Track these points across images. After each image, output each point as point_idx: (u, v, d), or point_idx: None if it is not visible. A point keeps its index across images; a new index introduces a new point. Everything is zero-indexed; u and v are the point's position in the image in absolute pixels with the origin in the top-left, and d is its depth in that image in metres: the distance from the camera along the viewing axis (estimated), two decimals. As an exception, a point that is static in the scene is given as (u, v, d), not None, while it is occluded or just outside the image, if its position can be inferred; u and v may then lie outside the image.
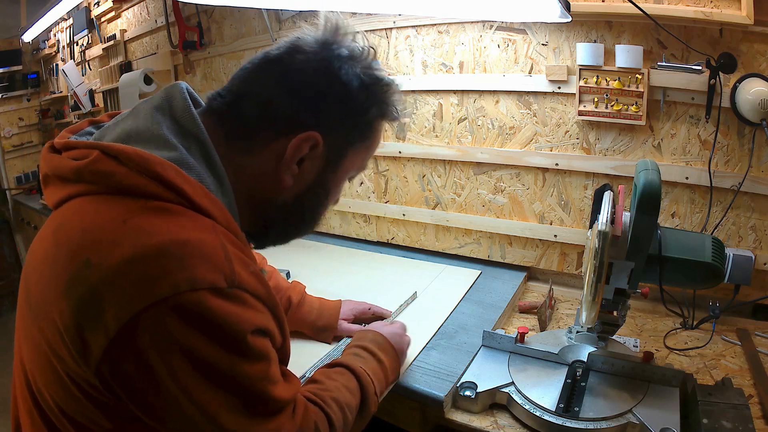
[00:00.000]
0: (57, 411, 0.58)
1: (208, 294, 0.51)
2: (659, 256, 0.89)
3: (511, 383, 0.98)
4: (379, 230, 1.78)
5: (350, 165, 0.70)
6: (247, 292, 0.55)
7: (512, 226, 1.49)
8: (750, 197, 1.19)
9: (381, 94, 0.68)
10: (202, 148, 0.60)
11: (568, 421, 0.88)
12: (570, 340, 1.09)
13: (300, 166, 0.65)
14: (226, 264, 0.53)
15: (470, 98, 1.45)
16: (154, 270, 0.49)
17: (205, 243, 0.53)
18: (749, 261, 1.14)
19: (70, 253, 0.52)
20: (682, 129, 1.22)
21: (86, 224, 0.53)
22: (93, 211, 0.54)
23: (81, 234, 0.53)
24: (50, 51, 3.24)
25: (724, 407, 0.86)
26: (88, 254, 0.51)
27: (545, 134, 1.38)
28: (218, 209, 0.57)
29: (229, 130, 0.64)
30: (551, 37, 1.30)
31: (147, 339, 0.50)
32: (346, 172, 0.70)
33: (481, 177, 1.51)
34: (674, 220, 1.29)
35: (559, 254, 1.45)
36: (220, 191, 0.60)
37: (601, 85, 1.25)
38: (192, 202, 0.55)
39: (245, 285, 0.55)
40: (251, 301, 0.55)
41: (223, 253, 0.53)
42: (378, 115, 0.69)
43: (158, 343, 0.50)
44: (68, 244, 0.53)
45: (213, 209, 0.57)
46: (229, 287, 0.52)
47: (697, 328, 1.21)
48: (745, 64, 1.12)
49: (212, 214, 0.56)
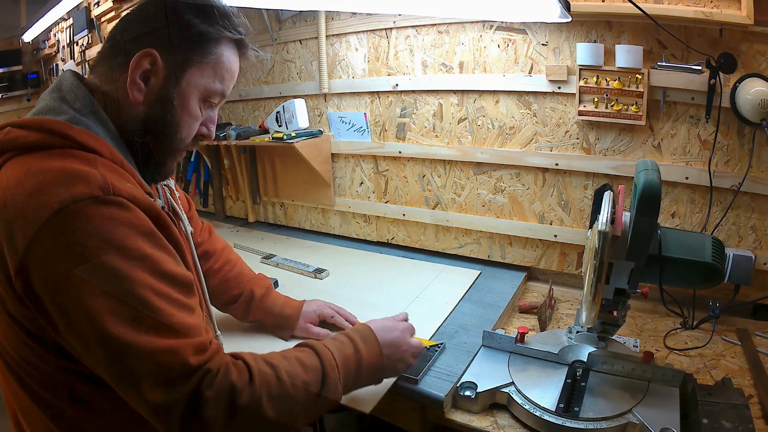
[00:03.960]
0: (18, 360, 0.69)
1: (89, 203, 0.63)
2: (659, 256, 0.89)
3: (511, 383, 0.98)
4: (379, 230, 1.78)
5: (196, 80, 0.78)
6: (123, 197, 0.66)
7: (512, 226, 1.49)
8: (750, 197, 1.19)
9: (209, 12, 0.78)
10: (89, 106, 0.73)
11: (568, 421, 0.88)
12: (570, 340, 1.09)
13: (147, 83, 0.75)
14: (101, 179, 0.65)
15: (470, 98, 1.45)
16: (46, 195, 0.62)
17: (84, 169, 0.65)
18: (749, 261, 1.15)
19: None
20: (682, 129, 1.22)
21: (5, 180, 0.66)
22: (11, 170, 0.66)
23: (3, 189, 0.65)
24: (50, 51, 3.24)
25: (724, 407, 0.86)
26: (5, 200, 0.64)
27: (545, 134, 1.38)
28: (102, 146, 0.70)
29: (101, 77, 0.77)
30: (551, 37, 1.30)
31: (43, 252, 0.61)
32: (193, 87, 0.78)
33: (481, 177, 1.51)
34: (674, 220, 1.29)
35: (559, 254, 1.45)
36: (108, 135, 0.73)
37: (601, 85, 1.25)
38: (79, 143, 0.68)
39: (121, 192, 0.66)
40: (129, 205, 0.66)
41: (99, 173, 0.65)
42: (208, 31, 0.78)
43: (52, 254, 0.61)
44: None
45: (97, 146, 0.69)
46: (105, 195, 0.64)
47: (697, 328, 1.21)
48: (745, 64, 1.12)
49: (97, 150, 0.69)
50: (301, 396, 0.76)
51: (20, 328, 0.67)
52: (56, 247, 0.61)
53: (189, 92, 0.78)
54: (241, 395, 0.69)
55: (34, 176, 0.64)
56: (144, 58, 0.74)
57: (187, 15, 0.77)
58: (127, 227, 0.65)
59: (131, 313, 0.63)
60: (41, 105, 0.73)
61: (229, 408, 0.68)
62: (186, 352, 0.66)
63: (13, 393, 0.74)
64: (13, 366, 0.71)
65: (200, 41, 0.77)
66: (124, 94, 0.75)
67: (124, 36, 0.77)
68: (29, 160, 0.66)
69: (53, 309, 0.63)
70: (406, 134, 1.60)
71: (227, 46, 0.81)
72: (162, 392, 0.64)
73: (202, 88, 0.79)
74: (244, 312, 1.17)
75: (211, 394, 0.67)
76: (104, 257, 0.62)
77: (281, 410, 0.73)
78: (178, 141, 0.80)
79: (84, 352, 0.66)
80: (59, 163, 0.65)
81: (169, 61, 0.75)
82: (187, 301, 0.70)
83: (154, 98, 0.76)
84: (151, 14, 0.77)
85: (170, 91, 0.76)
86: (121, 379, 0.66)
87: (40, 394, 0.71)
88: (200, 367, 0.67)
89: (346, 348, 0.87)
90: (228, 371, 0.70)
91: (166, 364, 0.64)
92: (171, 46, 0.75)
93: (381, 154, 1.67)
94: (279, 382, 0.74)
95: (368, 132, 1.68)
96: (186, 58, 0.77)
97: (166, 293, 0.67)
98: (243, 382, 0.71)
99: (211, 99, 0.81)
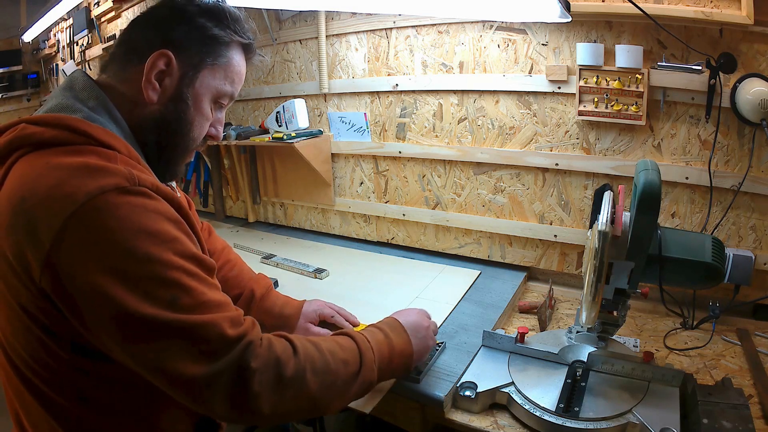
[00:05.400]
0: (26, 357, 0.69)
1: (115, 193, 0.63)
2: (659, 256, 0.89)
3: (511, 383, 0.98)
4: (379, 230, 1.78)
5: (208, 82, 0.80)
6: (147, 188, 0.67)
7: (512, 226, 1.49)
8: (750, 197, 1.19)
9: (221, 16, 0.80)
10: (103, 104, 0.74)
11: (568, 421, 0.88)
12: (570, 340, 1.09)
13: (161, 84, 0.77)
14: (126, 171, 0.66)
15: (470, 98, 1.45)
16: (71, 188, 0.62)
17: (107, 164, 0.66)
18: (749, 261, 1.15)
19: (10, 200, 0.64)
20: (682, 129, 1.22)
21: (21, 175, 0.66)
22: (26, 165, 0.66)
23: (19, 183, 0.65)
24: (50, 51, 3.24)
25: (724, 407, 0.86)
26: (23, 193, 0.63)
27: (545, 134, 1.38)
28: (120, 143, 0.71)
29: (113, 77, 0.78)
30: (551, 37, 1.30)
31: (72, 244, 0.61)
32: (206, 89, 0.80)
33: (481, 177, 1.51)
34: (674, 220, 1.29)
35: (559, 254, 1.45)
36: (121, 133, 0.74)
37: (601, 85, 1.25)
38: (98, 140, 0.69)
39: (146, 183, 0.67)
40: (154, 195, 0.68)
41: (123, 166, 0.67)
42: (220, 35, 0.80)
43: (82, 244, 0.61)
44: (9, 196, 0.65)
45: (116, 143, 0.70)
46: (131, 185, 0.65)
47: (697, 328, 1.21)
48: (745, 64, 1.12)
49: (116, 147, 0.70)
50: (342, 373, 0.78)
51: (34, 323, 0.67)
52: (86, 237, 0.61)
53: (202, 93, 0.80)
54: (286, 366, 0.71)
55: (54, 171, 0.64)
56: (160, 58, 0.75)
57: (201, 18, 0.78)
58: (154, 213, 0.66)
59: (166, 295, 0.64)
60: (54, 103, 0.73)
61: (276, 380, 0.70)
62: (223, 324, 0.67)
63: (17, 392, 0.74)
64: (19, 364, 0.71)
65: (213, 44, 0.79)
66: (137, 94, 0.76)
67: (137, 37, 0.78)
68: (47, 156, 0.66)
69: (82, 299, 0.63)
70: (406, 134, 1.60)
71: (237, 50, 0.83)
72: (204, 365, 0.64)
73: (214, 89, 0.81)
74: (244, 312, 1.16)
75: (257, 364, 0.68)
76: (135, 243, 0.63)
77: (324, 385, 0.75)
78: (190, 140, 0.82)
79: (113, 340, 0.65)
80: (80, 159, 0.65)
81: (184, 63, 0.77)
82: (214, 281, 0.72)
83: (168, 98, 0.78)
84: (165, 16, 0.79)
85: (184, 92, 0.78)
86: (157, 363, 0.65)
87: (46, 394, 0.70)
88: (240, 338, 0.68)
89: (378, 335, 0.90)
90: (271, 344, 0.72)
91: (204, 337, 0.65)
92: (185, 48, 0.77)
93: (381, 154, 1.67)
94: (322, 357, 0.76)
95: (368, 132, 1.68)
96: (199, 60, 0.78)
97: (196, 273, 0.68)
98: (288, 354, 0.72)
99: (221, 100, 0.84)
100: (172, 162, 0.83)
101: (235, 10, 0.82)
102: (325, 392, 0.75)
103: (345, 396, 0.80)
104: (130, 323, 0.63)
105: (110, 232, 0.62)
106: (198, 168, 2.16)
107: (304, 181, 1.86)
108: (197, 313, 0.65)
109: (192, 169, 2.16)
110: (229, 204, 2.20)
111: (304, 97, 1.76)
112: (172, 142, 0.80)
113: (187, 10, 0.78)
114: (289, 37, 1.75)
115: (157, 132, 0.78)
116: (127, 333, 0.63)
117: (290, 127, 1.73)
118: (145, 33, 0.78)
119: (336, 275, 1.52)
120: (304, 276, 1.52)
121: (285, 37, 1.76)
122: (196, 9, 0.79)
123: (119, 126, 0.75)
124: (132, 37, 0.79)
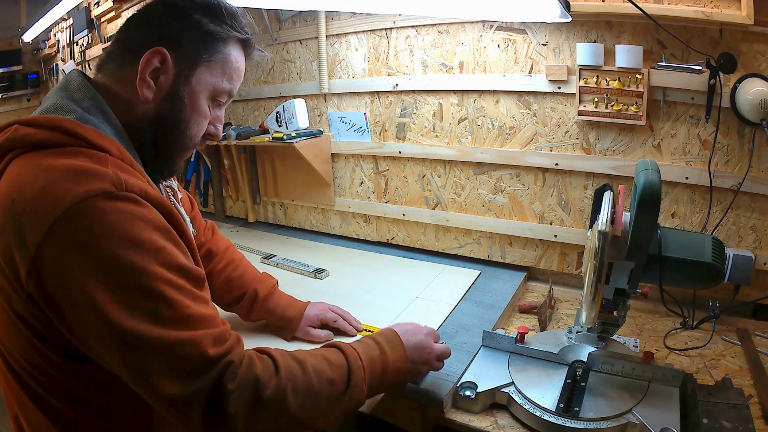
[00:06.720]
0: (23, 362, 0.68)
1: (102, 198, 0.62)
2: (659, 256, 0.89)
3: (511, 383, 0.98)
4: (379, 230, 1.78)
5: (205, 79, 0.79)
6: (135, 193, 0.66)
7: (512, 226, 1.49)
8: (750, 197, 1.19)
9: (217, 12, 0.79)
10: (97, 105, 0.73)
11: (568, 421, 0.88)
12: (570, 340, 1.09)
13: (156, 81, 0.76)
14: (114, 176, 0.65)
15: (470, 98, 1.45)
16: (59, 191, 0.61)
17: (96, 167, 0.65)
18: (749, 261, 1.15)
19: (2, 202, 0.63)
20: (682, 129, 1.22)
21: (12, 177, 0.65)
22: (18, 167, 0.66)
23: (10, 186, 0.64)
24: (50, 51, 3.24)
25: (724, 407, 0.86)
26: (13, 196, 0.63)
27: (545, 134, 1.38)
28: (112, 145, 0.70)
29: (109, 76, 0.77)
30: (551, 37, 1.30)
31: (57, 248, 0.60)
32: (203, 86, 0.79)
33: (481, 177, 1.51)
34: (674, 220, 1.29)
35: (559, 254, 1.45)
36: (115, 134, 0.74)
37: (601, 85, 1.25)
38: (89, 142, 0.68)
39: (134, 188, 0.66)
40: (141, 201, 0.66)
41: (111, 170, 0.65)
42: (216, 31, 0.78)
43: (66, 249, 0.61)
44: (1, 198, 0.64)
45: (107, 145, 0.69)
46: (118, 190, 0.64)
47: (697, 328, 1.21)
48: (745, 64, 1.12)
49: (107, 149, 0.69)
50: (326, 393, 0.76)
51: (27, 328, 0.66)
52: (71, 242, 0.61)
53: (198, 90, 0.78)
54: (265, 388, 0.69)
55: (44, 173, 0.63)
56: (154, 56, 0.74)
57: (196, 14, 0.77)
58: (141, 221, 0.65)
59: (147, 306, 0.63)
60: (48, 103, 0.72)
61: (253, 401, 0.68)
62: (204, 343, 0.65)
63: (15, 396, 0.73)
64: (17, 368, 0.70)
65: (209, 40, 0.78)
66: (133, 93, 0.75)
67: (133, 35, 0.77)
68: (38, 158, 0.65)
69: (66, 305, 0.62)
70: (406, 134, 1.60)
71: (235, 46, 0.81)
72: (180, 385, 0.63)
73: (211, 86, 0.80)
74: (247, 312, 1.17)
75: (233, 386, 0.66)
76: (119, 251, 0.62)
77: (306, 406, 0.73)
78: (187, 139, 0.80)
79: (98, 348, 0.65)
80: (70, 161, 0.64)
81: (179, 60, 0.76)
82: (201, 294, 0.70)
83: (164, 96, 0.76)
84: (160, 13, 0.77)
85: (180, 89, 0.77)
86: (138, 375, 0.64)
87: (44, 397, 0.70)
88: (220, 358, 0.66)
89: (372, 350, 0.87)
90: (252, 363, 0.70)
91: (183, 356, 0.64)
92: (180, 44, 0.76)
93: (381, 154, 1.67)
94: (305, 377, 0.74)
95: (368, 132, 1.68)
96: (195, 57, 0.77)
97: (181, 285, 0.66)
98: (268, 374, 0.71)
99: (219, 98, 0.82)
100: (170, 160, 0.82)
101: (231, 5, 0.81)
102: (307, 412, 0.73)
103: (329, 415, 0.77)
104: (112, 333, 0.62)
105: (95, 238, 0.61)
106: (198, 168, 2.16)
107: (304, 181, 1.86)
108: (179, 328, 0.64)
109: (192, 169, 2.16)
110: (229, 204, 2.20)
111: (304, 97, 1.76)
112: (168, 140, 0.79)
113: (182, 7, 0.77)
114: (289, 37, 1.75)
115: (153, 131, 0.77)
116: (110, 343, 0.63)
117: (290, 127, 1.73)
118: (141, 31, 0.77)
119: (336, 275, 1.52)
120: (304, 276, 1.52)
121: (285, 37, 1.76)
122: (192, 5, 0.77)
123: (113, 126, 0.74)
124: (128, 35, 0.78)
